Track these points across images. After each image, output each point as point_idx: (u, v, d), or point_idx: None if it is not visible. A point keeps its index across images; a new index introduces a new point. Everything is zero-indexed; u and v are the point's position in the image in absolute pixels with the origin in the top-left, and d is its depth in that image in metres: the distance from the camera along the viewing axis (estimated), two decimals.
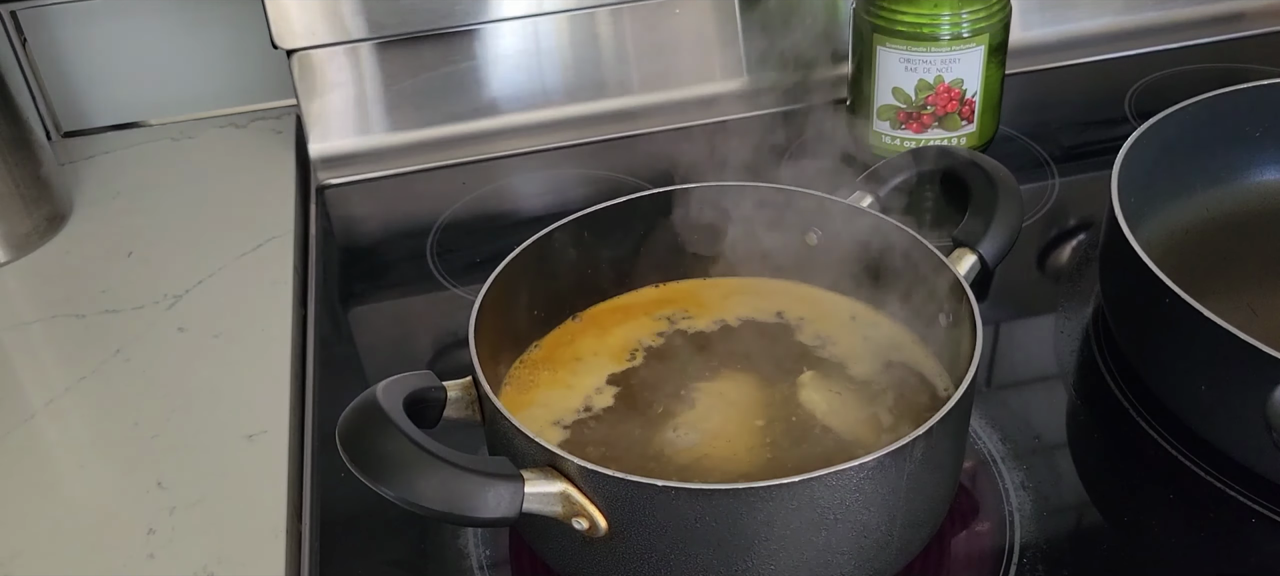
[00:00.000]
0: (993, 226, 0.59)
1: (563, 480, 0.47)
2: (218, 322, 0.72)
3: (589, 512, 0.47)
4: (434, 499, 0.45)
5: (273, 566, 0.56)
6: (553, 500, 0.47)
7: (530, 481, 0.46)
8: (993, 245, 0.59)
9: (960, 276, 0.56)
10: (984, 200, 0.60)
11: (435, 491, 0.45)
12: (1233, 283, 0.68)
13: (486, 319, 0.56)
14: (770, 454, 0.55)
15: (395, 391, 0.49)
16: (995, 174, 0.62)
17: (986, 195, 0.61)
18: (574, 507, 0.47)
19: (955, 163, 0.64)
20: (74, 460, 0.63)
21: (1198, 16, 1.01)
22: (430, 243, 0.83)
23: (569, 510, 0.47)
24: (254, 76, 0.94)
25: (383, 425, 0.46)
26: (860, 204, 0.62)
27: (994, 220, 0.59)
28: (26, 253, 0.80)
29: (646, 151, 0.92)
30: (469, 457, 0.46)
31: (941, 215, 0.64)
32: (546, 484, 0.47)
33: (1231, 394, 0.56)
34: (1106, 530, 0.57)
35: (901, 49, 0.78)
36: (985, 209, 0.60)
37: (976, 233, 0.59)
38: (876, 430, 0.56)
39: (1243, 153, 0.75)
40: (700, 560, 0.47)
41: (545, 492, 0.46)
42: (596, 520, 0.47)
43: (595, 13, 0.91)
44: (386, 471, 0.45)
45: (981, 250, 0.58)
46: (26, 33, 0.89)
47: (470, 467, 0.45)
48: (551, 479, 0.47)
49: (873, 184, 0.64)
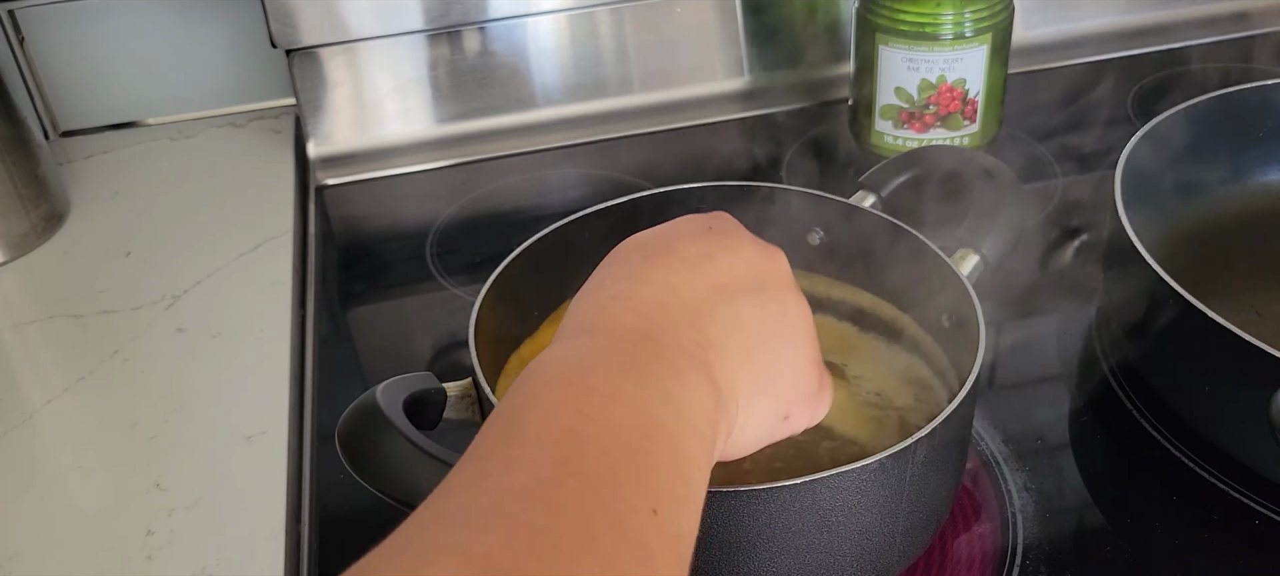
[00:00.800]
0: (995, 227, 0.58)
1: None
2: (216, 323, 0.72)
3: None
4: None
5: (271, 567, 0.55)
6: None
7: None
8: (995, 246, 0.58)
9: (963, 277, 0.56)
10: (987, 200, 0.60)
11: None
12: (1236, 283, 0.68)
13: (487, 319, 0.56)
14: (772, 453, 0.54)
15: (395, 393, 0.48)
16: (998, 174, 0.61)
17: (990, 195, 0.60)
18: None
19: (958, 162, 0.63)
20: (72, 461, 0.63)
21: (1201, 16, 1.01)
22: (430, 243, 0.82)
23: None
24: (253, 76, 0.94)
25: (383, 427, 0.46)
26: (862, 204, 0.62)
27: (997, 220, 0.59)
28: (24, 253, 0.80)
29: (647, 151, 0.92)
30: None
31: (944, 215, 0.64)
32: None
33: (1235, 395, 0.56)
34: (1109, 531, 0.57)
35: (904, 48, 0.78)
36: (988, 209, 0.60)
37: (979, 233, 0.59)
38: (878, 431, 0.55)
39: (1247, 153, 0.75)
40: (703, 561, 0.47)
41: None
42: None
43: (595, 12, 0.91)
44: (387, 474, 0.45)
45: (984, 251, 0.58)
46: (24, 31, 0.89)
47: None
48: None
49: (875, 183, 0.63)
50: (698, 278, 0.39)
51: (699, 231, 0.42)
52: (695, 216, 0.43)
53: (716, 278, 0.40)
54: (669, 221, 0.43)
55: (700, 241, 0.41)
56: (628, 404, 0.33)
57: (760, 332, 0.40)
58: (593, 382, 0.34)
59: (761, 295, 0.41)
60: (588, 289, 0.41)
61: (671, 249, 0.40)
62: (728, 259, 0.41)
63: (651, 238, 0.42)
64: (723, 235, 0.42)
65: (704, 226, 0.42)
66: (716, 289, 0.39)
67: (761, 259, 0.42)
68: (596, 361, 0.35)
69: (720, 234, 0.42)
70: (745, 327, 0.39)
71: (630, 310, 0.38)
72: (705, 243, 0.41)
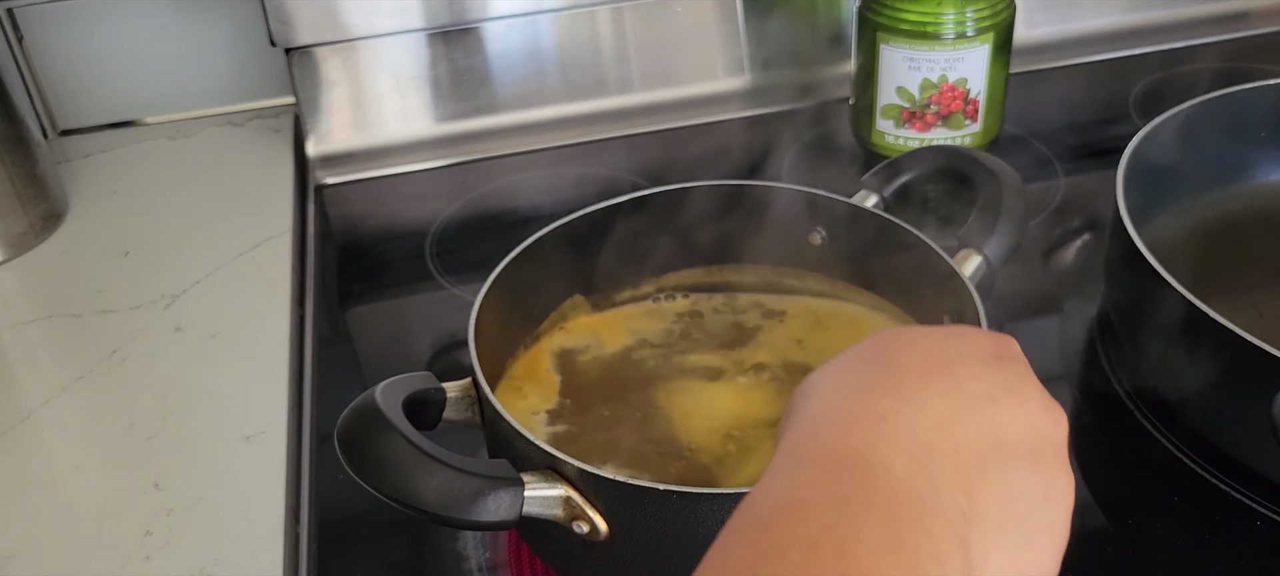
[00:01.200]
0: (998, 227, 0.58)
1: (563, 483, 0.46)
2: (215, 323, 0.72)
3: (589, 516, 0.46)
4: (434, 502, 0.44)
5: (270, 568, 0.55)
6: (553, 504, 0.46)
7: (530, 485, 0.46)
8: (998, 246, 0.58)
9: (965, 277, 0.56)
10: (989, 200, 0.60)
11: (435, 494, 0.44)
12: (1238, 283, 0.68)
13: (486, 319, 0.55)
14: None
15: (394, 393, 0.48)
16: (1001, 173, 0.61)
17: (992, 195, 0.60)
18: (574, 511, 0.46)
19: (960, 162, 0.63)
20: (70, 461, 0.63)
21: (1203, 16, 1.01)
22: (429, 242, 0.82)
23: (569, 514, 0.47)
24: (252, 75, 0.94)
25: (382, 427, 0.46)
26: (865, 203, 0.62)
27: (999, 221, 0.59)
28: (22, 252, 0.80)
29: (647, 150, 0.91)
30: (469, 460, 0.45)
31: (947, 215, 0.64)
32: (547, 487, 0.46)
33: (1237, 395, 0.55)
34: (1110, 532, 0.57)
35: (905, 47, 0.78)
36: (991, 209, 0.60)
37: (981, 233, 0.59)
38: None
39: (1248, 152, 0.74)
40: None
41: (546, 496, 0.46)
42: (597, 524, 0.47)
43: (596, 10, 0.91)
44: (386, 474, 0.45)
45: (987, 251, 0.58)
46: (23, 30, 0.89)
47: (471, 470, 0.45)
48: (552, 482, 0.46)
49: (878, 183, 0.63)
50: (977, 422, 0.33)
51: (986, 359, 0.35)
52: (979, 333, 0.37)
53: (996, 430, 0.33)
54: (947, 327, 0.38)
55: (987, 375, 0.34)
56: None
57: (1024, 514, 0.34)
58: (852, 552, 0.28)
59: (1035, 465, 0.34)
60: (839, 376, 0.35)
61: (952, 371, 0.34)
62: (1012, 408, 0.34)
63: (928, 342, 0.36)
64: (1011, 374, 0.35)
65: (991, 353, 0.36)
66: (994, 444, 0.33)
67: (1045, 420, 0.35)
68: (858, 523, 0.29)
69: (1008, 372, 0.35)
70: (1012, 502, 0.33)
71: (899, 446, 0.31)
72: (992, 378, 0.34)
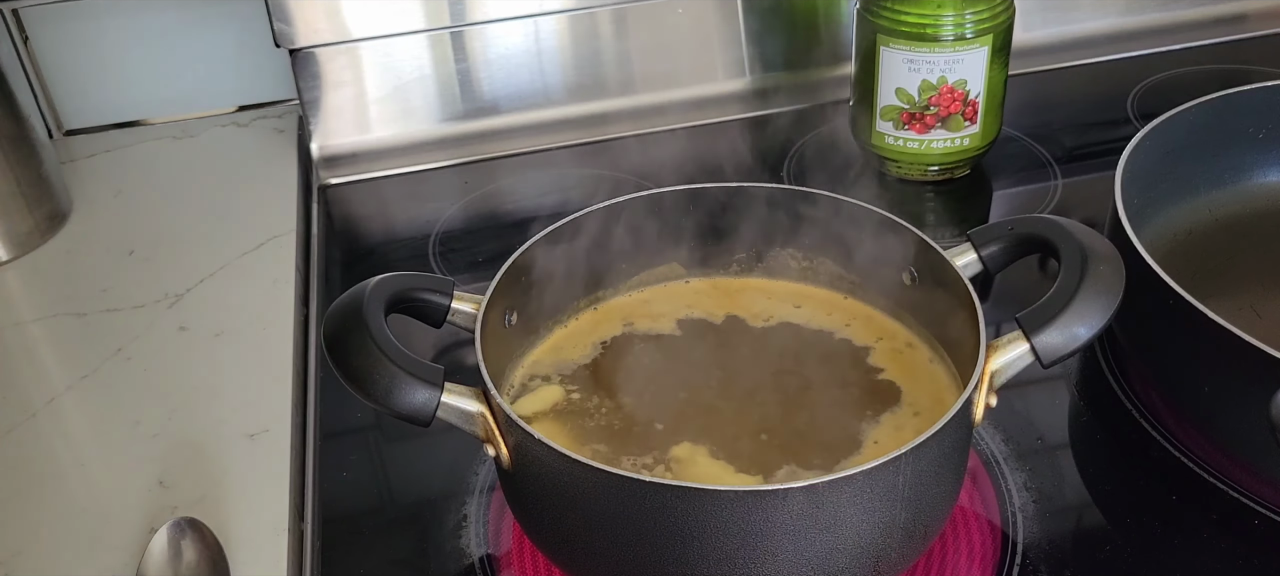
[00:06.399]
0: (1060, 318, 0.51)
1: (482, 404, 0.50)
2: (219, 322, 0.72)
3: (498, 443, 0.51)
4: (365, 383, 0.49)
5: (274, 565, 0.55)
6: (469, 420, 0.50)
7: (449, 394, 0.50)
8: (1051, 340, 0.51)
9: (966, 278, 0.56)
10: (1070, 286, 0.52)
11: (367, 376, 0.49)
12: (1236, 284, 0.68)
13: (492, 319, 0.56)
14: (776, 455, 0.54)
15: (382, 291, 0.52)
16: (1093, 263, 0.52)
17: (1067, 284, 0.52)
18: (487, 433, 0.51)
19: (1055, 235, 0.55)
20: (75, 459, 0.63)
21: (1200, 18, 1.01)
22: (433, 242, 0.83)
23: (485, 434, 0.51)
24: (256, 76, 0.94)
25: (356, 326, 0.50)
26: (963, 257, 0.57)
27: (1066, 313, 0.51)
28: (27, 251, 0.80)
29: (648, 151, 0.92)
30: (408, 358, 0.50)
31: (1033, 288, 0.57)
32: (465, 402, 0.50)
33: (1234, 395, 0.56)
34: (1109, 531, 0.57)
35: (905, 49, 0.78)
36: (1065, 296, 0.51)
37: (1042, 319, 0.51)
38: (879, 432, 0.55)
39: (1246, 154, 0.75)
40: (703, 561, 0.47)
41: (461, 409, 0.50)
42: (501, 452, 0.51)
43: (597, 12, 0.91)
44: (357, 375, 0.49)
45: (1035, 340, 0.51)
46: (28, 30, 0.89)
47: (400, 365, 0.49)
48: (471, 400, 0.50)
49: (978, 242, 0.58)
50: None
51: None
52: None
53: None
54: None
55: None
56: None
57: None
58: None
59: None
60: None
61: None
62: None
63: None
64: None
65: None
66: None
67: None
68: None
69: None
70: None
71: None
72: None
